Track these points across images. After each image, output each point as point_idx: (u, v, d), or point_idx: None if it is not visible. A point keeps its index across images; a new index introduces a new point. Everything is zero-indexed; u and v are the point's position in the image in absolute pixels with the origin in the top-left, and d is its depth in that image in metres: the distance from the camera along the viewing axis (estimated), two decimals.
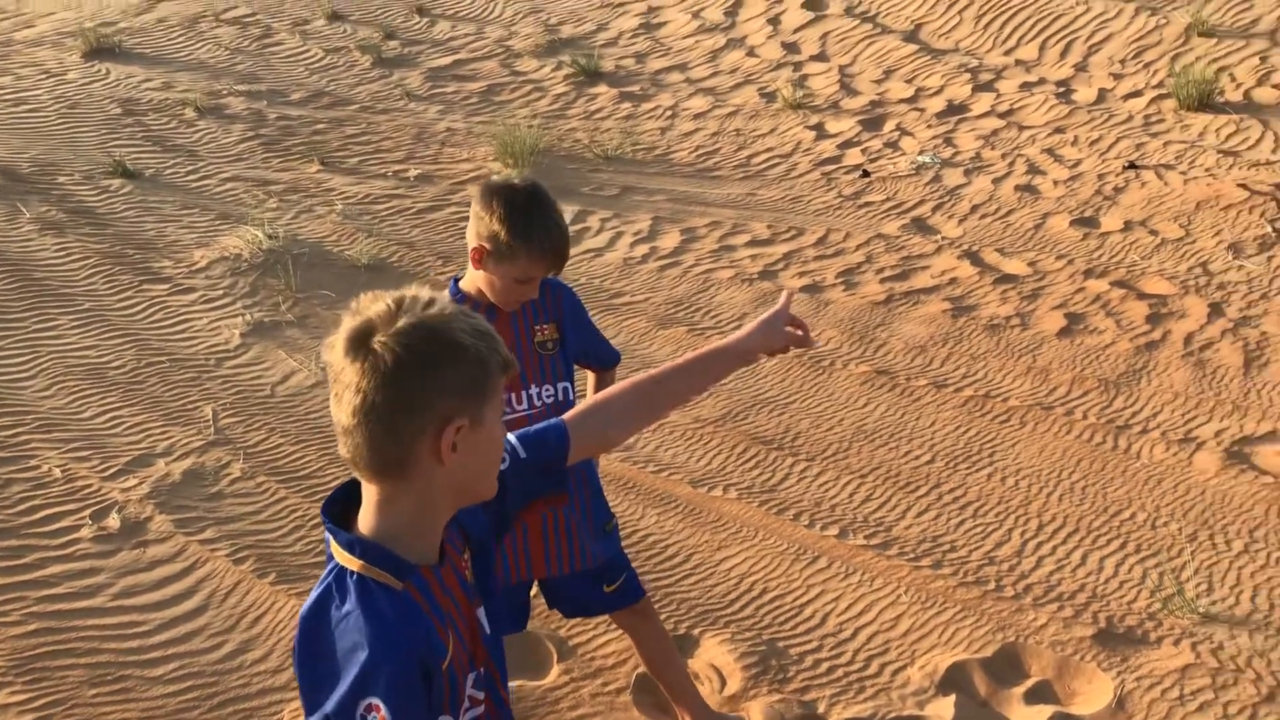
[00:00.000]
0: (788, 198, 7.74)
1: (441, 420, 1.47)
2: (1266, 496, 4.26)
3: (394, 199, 7.60)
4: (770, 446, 4.80)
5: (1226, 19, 10.03)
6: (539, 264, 2.74)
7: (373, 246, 6.75)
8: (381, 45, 10.44)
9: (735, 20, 11.21)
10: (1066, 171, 7.77)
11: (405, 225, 7.23)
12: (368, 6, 11.44)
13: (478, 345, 1.48)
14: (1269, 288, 5.91)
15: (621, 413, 1.93)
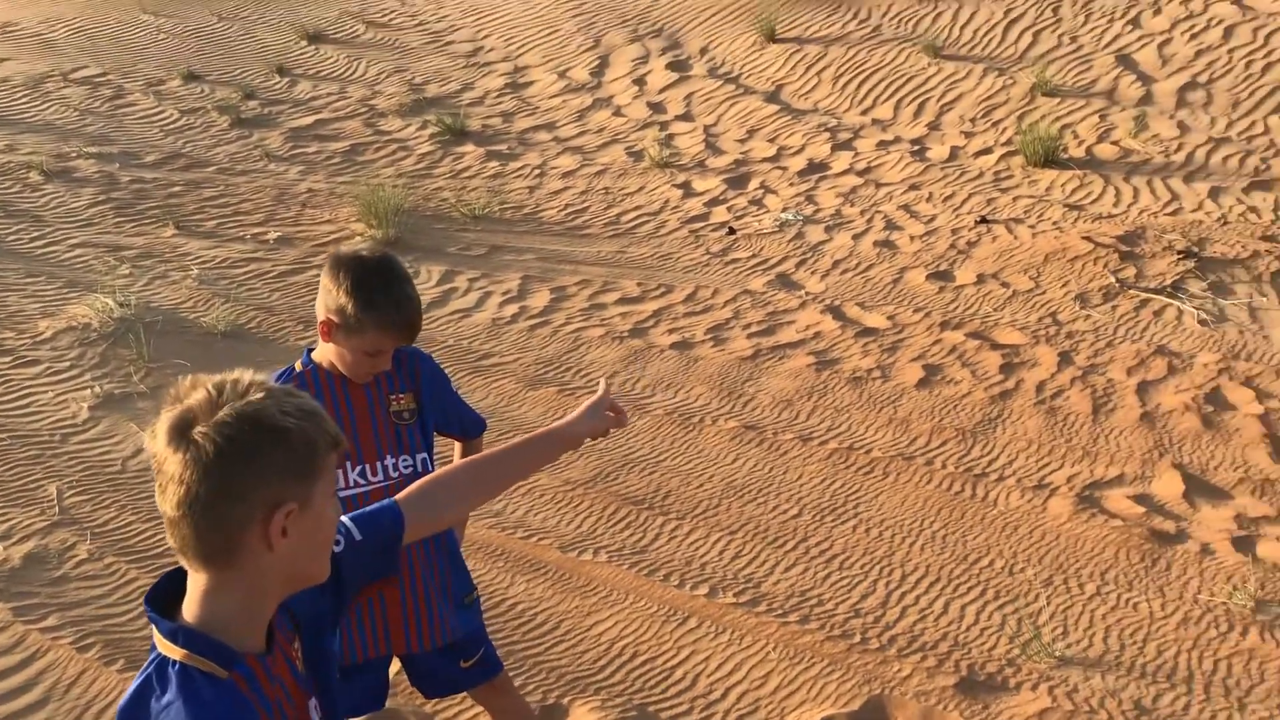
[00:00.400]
0: (657, 255, 7.81)
1: (269, 506, 1.43)
2: (1116, 539, 4.41)
3: (253, 262, 7.41)
4: (641, 506, 4.78)
5: (1068, 79, 10.57)
6: (388, 337, 2.69)
7: (230, 312, 6.56)
8: (240, 105, 10.24)
9: (601, 80, 11.34)
10: (922, 227, 8.03)
11: (265, 289, 7.05)
12: (226, 66, 11.23)
13: (302, 426, 1.44)
14: (1114, 336, 6.17)
15: (454, 494, 1.95)
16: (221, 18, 12.51)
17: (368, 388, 2.84)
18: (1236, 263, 6.92)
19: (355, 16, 12.74)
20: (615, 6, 12.86)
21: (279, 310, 6.79)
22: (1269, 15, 11.14)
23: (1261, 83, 10.05)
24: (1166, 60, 10.59)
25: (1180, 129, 9.42)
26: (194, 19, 12.42)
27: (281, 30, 12.13)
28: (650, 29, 12.31)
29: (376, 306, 2.64)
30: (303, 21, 12.21)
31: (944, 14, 12.07)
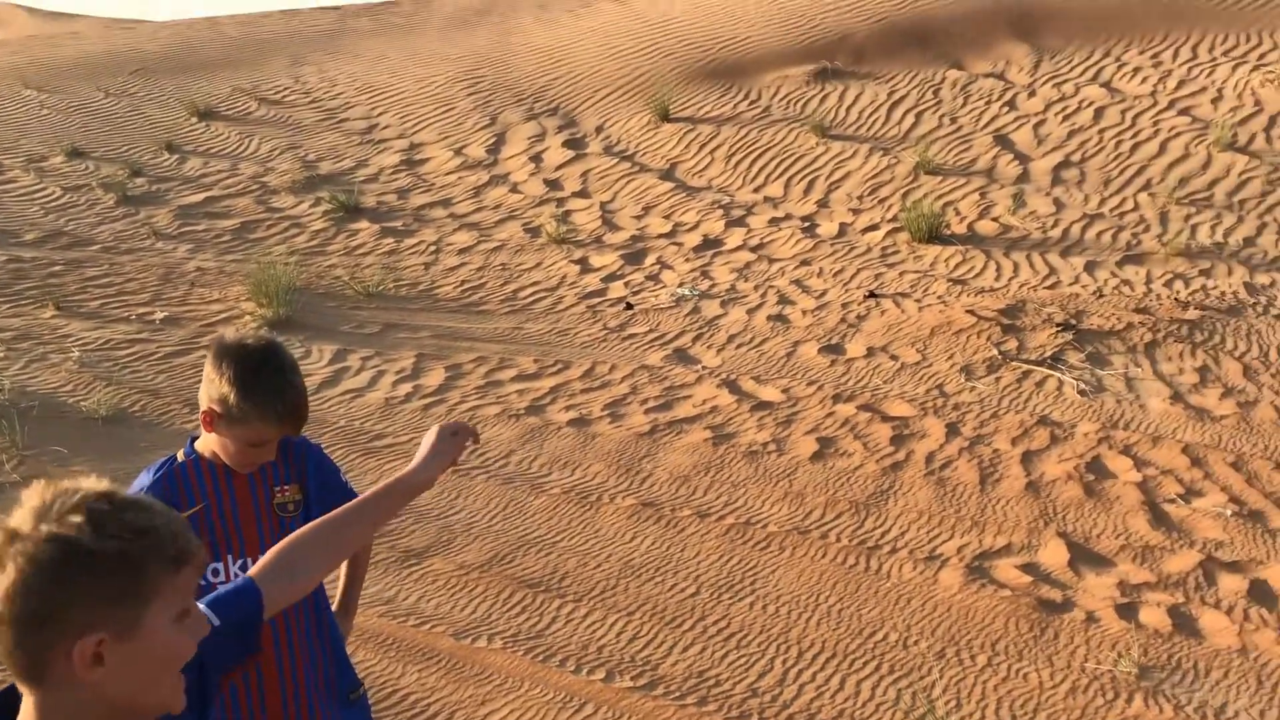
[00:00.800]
0: (554, 331, 7.82)
1: (73, 634, 1.35)
2: (1005, 610, 4.49)
3: (137, 344, 7.21)
4: (537, 589, 4.72)
5: (949, 158, 10.96)
6: (271, 428, 2.62)
7: (113, 396, 6.35)
8: (127, 182, 10.04)
9: (498, 157, 11.41)
10: (814, 301, 8.19)
11: (149, 372, 6.86)
12: (112, 143, 11.02)
13: (127, 549, 1.37)
14: (998, 407, 6.34)
15: (310, 559, 1.90)
16: (109, 93, 12.31)
17: (251, 479, 2.77)
18: (1112, 334, 7.19)
19: (248, 93, 12.65)
20: (511, 84, 13.01)
21: (164, 393, 6.60)
22: (1135, 98, 11.76)
23: (1130, 161, 10.57)
24: (1042, 140, 11.08)
25: (1056, 206, 9.82)
26: (80, 94, 12.20)
27: (171, 107, 11.97)
28: (546, 107, 12.46)
29: (259, 396, 2.57)
30: (193, 98, 12.08)
31: (830, 95, 12.47)
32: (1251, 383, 6.52)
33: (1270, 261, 8.70)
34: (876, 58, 13.34)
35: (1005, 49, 13.24)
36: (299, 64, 14.07)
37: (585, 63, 13.55)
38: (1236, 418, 6.05)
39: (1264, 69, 12.01)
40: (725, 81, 13.02)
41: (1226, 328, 7.30)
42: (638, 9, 15.44)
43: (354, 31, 15.84)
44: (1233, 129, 10.75)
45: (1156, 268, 8.61)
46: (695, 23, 14.57)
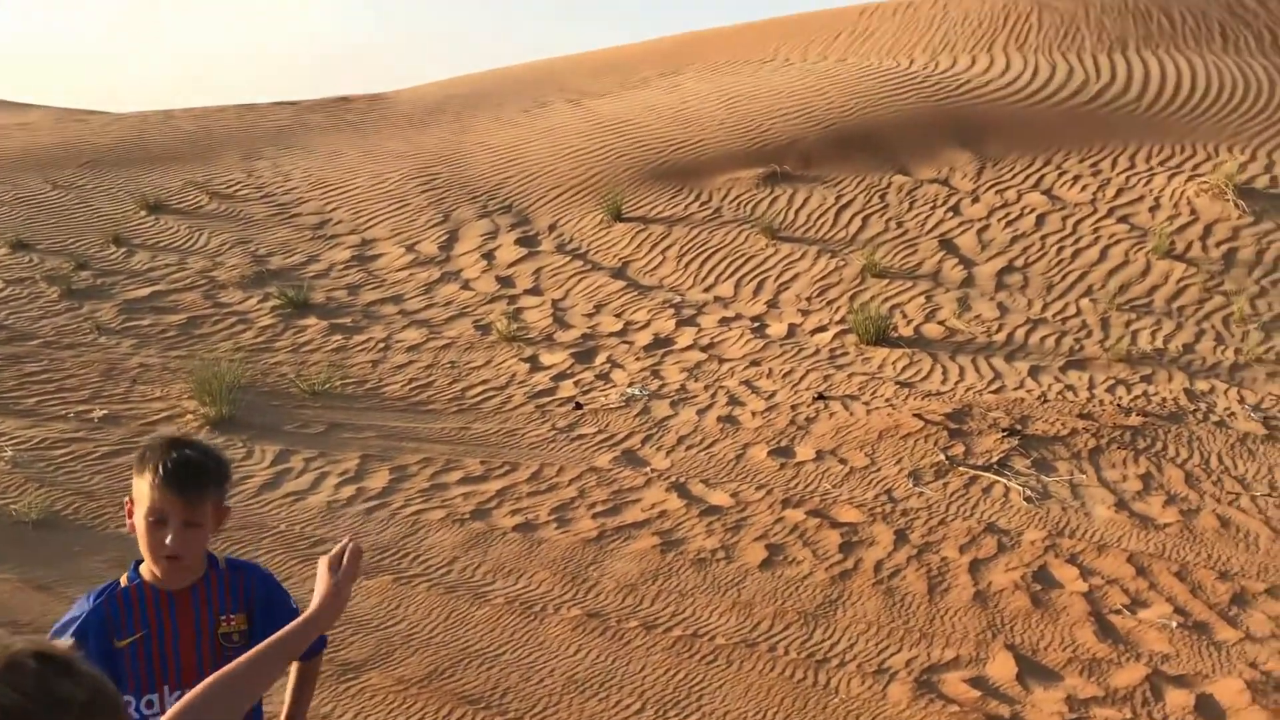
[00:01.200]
0: (502, 431, 7.75)
1: None
2: None
3: (74, 443, 7.04)
4: (478, 707, 4.58)
5: (895, 261, 11.15)
6: (162, 494, 2.53)
7: (45, 498, 6.17)
8: (72, 276, 9.93)
9: (450, 254, 11.44)
10: (763, 403, 8.21)
11: (85, 473, 6.68)
12: (58, 235, 10.92)
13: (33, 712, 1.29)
14: (946, 513, 6.34)
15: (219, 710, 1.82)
16: (57, 185, 12.23)
17: (196, 605, 2.67)
18: (1057, 440, 7.26)
19: (199, 187, 12.63)
20: (465, 182, 13.11)
21: (99, 495, 6.42)
22: (1076, 205, 12.08)
23: (1072, 267, 10.81)
24: (985, 245, 11.31)
25: (1000, 310, 9.99)
26: (28, 186, 12.11)
27: (120, 200, 11.91)
28: (500, 205, 12.55)
29: (150, 461, 2.52)
30: (144, 191, 12.04)
31: (780, 198, 12.68)
32: (1194, 490, 6.58)
33: (1209, 368, 8.88)
34: (825, 162, 13.62)
35: (949, 156, 13.58)
36: (253, 158, 14.10)
37: (539, 162, 13.70)
38: (1179, 526, 6.09)
39: (1198, 179, 12.41)
40: (677, 183, 13.22)
41: (1168, 434, 7.39)
42: (592, 110, 15.70)
43: (309, 127, 15.94)
44: (1170, 237, 11.05)
45: (1099, 373, 8.75)
46: (648, 125, 14.83)
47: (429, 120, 16.47)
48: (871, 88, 15.67)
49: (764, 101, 15.50)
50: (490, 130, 15.32)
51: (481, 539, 6.09)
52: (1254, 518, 6.20)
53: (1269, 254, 10.84)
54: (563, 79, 19.43)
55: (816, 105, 15.17)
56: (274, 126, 16.11)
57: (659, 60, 20.49)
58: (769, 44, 20.38)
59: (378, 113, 17.32)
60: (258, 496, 6.52)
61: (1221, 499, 6.47)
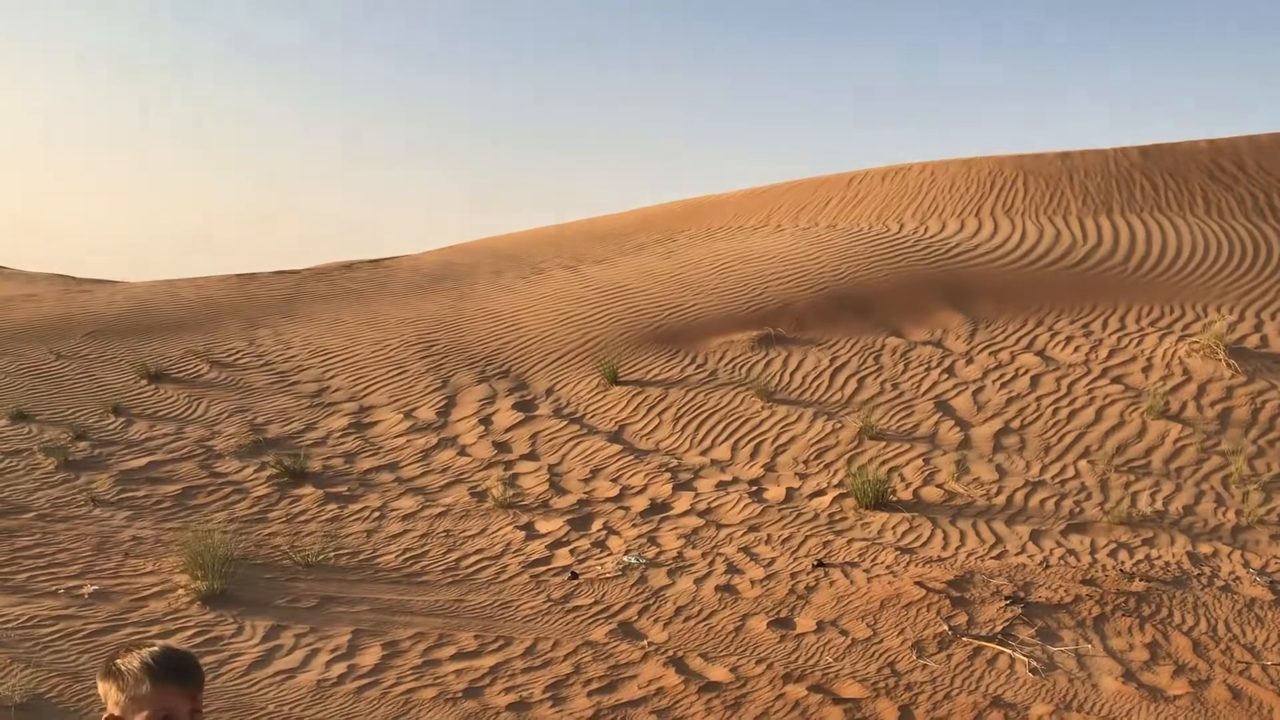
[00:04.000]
0: (497, 603, 7.62)
1: None
2: None
3: (63, 620, 6.92)
4: None
5: (892, 423, 11.18)
6: (163, 689, 2.46)
7: (29, 680, 6.03)
8: (70, 446, 9.93)
9: (447, 420, 11.48)
10: (762, 570, 8.10)
11: (72, 652, 6.55)
12: (59, 405, 10.98)
13: None
14: (951, 686, 6.19)
15: None
16: (60, 355, 12.36)
17: None
18: (1061, 608, 7.14)
19: (200, 355, 12.76)
20: (464, 348, 13.26)
21: (86, 676, 6.27)
22: (1069, 366, 12.18)
23: (1068, 428, 10.83)
24: (981, 407, 11.36)
25: (999, 472, 9.96)
26: (31, 356, 12.24)
27: (122, 368, 12.03)
28: (498, 370, 12.66)
29: (135, 668, 2.46)
30: (144, 360, 12.16)
31: (775, 360, 12.81)
32: (1202, 660, 6.44)
33: (1211, 530, 8.80)
34: (818, 325, 13.81)
35: (942, 317, 13.78)
36: (254, 327, 14.30)
37: (537, 327, 13.89)
38: (1190, 698, 5.94)
39: (1189, 339, 12.56)
40: (673, 346, 13.37)
41: (1173, 600, 7.28)
42: (589, 276, 16.01)
43: (310, 295, 16.22)
44: (1165, 397, 11.12)
45: (1100, 537, 8.67)
46: (644, 289, 15.10)
47: (430, 287, 16.77)
48: (863, 251, 16.01)
49: (757, 265, 15.82)
50: (489, 296, 15.59)
51: (474, 719, 5.93)
52: (1266, 688, 6.05)
53: (1264, 413, 10.88)
54: (560, 246, 19.88)
55: (809, 269, 15.47)
56: (275, 295, 16.39)
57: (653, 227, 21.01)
58: (761, 210, 20.93)
59: (380, 280, 17.64)
60: (246, 675, 6.37)
61: (1231, 668, 6.33)
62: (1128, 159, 18.87)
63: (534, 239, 22.03)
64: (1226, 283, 14.38)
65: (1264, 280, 14.41)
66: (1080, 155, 19.25)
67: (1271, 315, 13.42)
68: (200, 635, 6.81)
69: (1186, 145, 19.10)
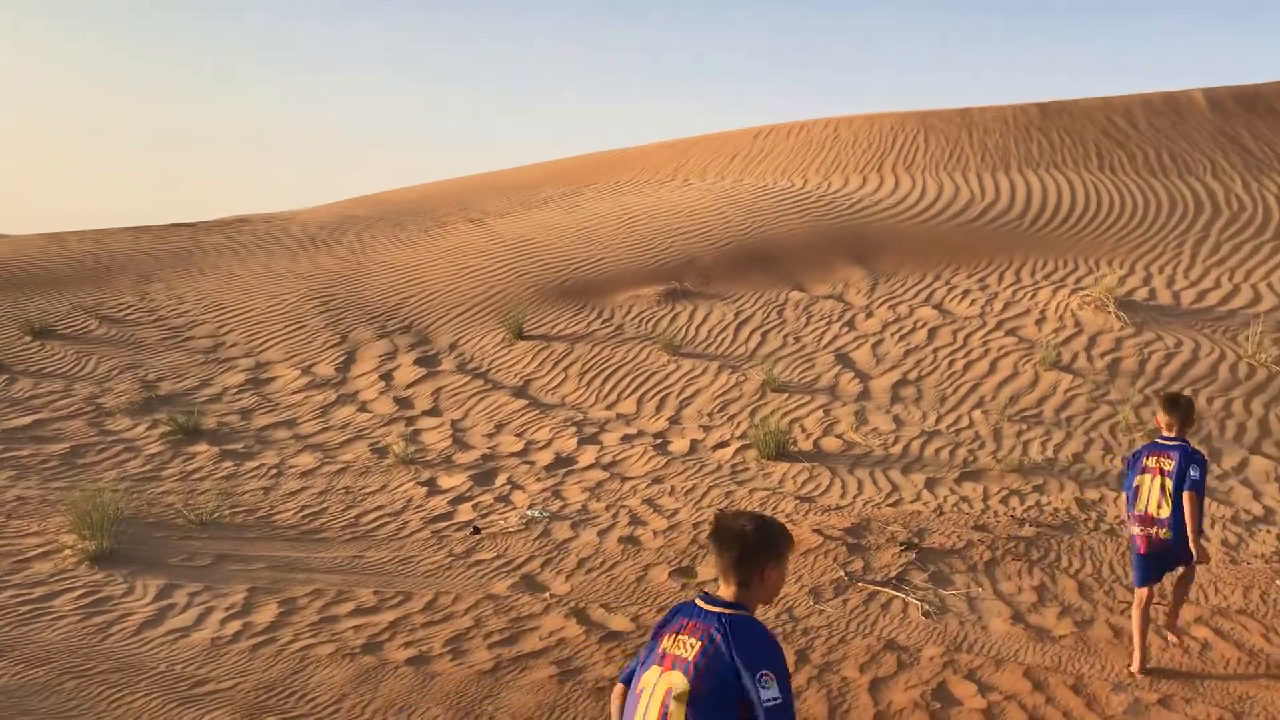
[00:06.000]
0: (397, 559, 7.55)
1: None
2: None
3: None
4: None
5: (794, 376, 11.31)
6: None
7: None
8: None
9: (347, 376, 11.28)
10: (665, 521, 8.15)
11: None
12: None
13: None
14: (846, 631, 6.31)
15: None
16: None
17: None
18: (953, 553, 7.32)
19: (89, 311, 12.33)
20: (364, 303, 13.03)
21: None
22: (965, 319, 12.43)
23: (964, 379, 11.07)
24: (880, 359, 11.54)
25: (896, 423, 10.15)
26: None
27: (3, 325, 11.56)
28: (399, 325, 12.47)
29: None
30: (29, 316, 11.70)
31: (681, 315, 12.84)
32: (1087, 601, 6.67)
33: (1099, 476, 9.09)
34: (724, 279, 13.88)
35: (844, 272, 13.94)
36: (146, 281, 13.86)
37: (440, 281, 13.71)
38: (1075, 638, 6.15)
39: (1081, 292, 12.91)
40: (579, 300, 13.32)
41: (1061, 544, 7.51)
42: (494, 230, 15.83)
43: (205, 249, 15.76)
44: (1056, 349, 11.42)
45: (993, 484, 8.90)
46: (550, 244, 14.98)
47: (329, 240, 16.41)
48: (767, 206, 16.10)
49: (664, 220, 15.81)
50: (390, 250, 15.32)
51: (372, 674, 5.87)
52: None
53: (1151, 363, 11.25)
54: (464, 199, 19.61)
55: (715, 224, 15.51)
56: (169, 248, 15.89)
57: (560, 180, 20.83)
58: (668, 165, 20.89)
59: (277, 232, 17.21)
60: (137, 635, 6.21)
61: (1114, 609, 6.56)
62: (1026, 116, 19.24)
63: (437, 192, 21.69)
64: (1118, 237, 14.79)
65: (1153, 235, 14.86)
66: (980, 112, 19.57)
67: (1160, 269, 13.85)
68: (89, 596, 6.62)
69: (1083, 103, 19.54)
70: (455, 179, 25.07)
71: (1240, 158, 17.66)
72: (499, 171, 24.71)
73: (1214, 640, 6.08)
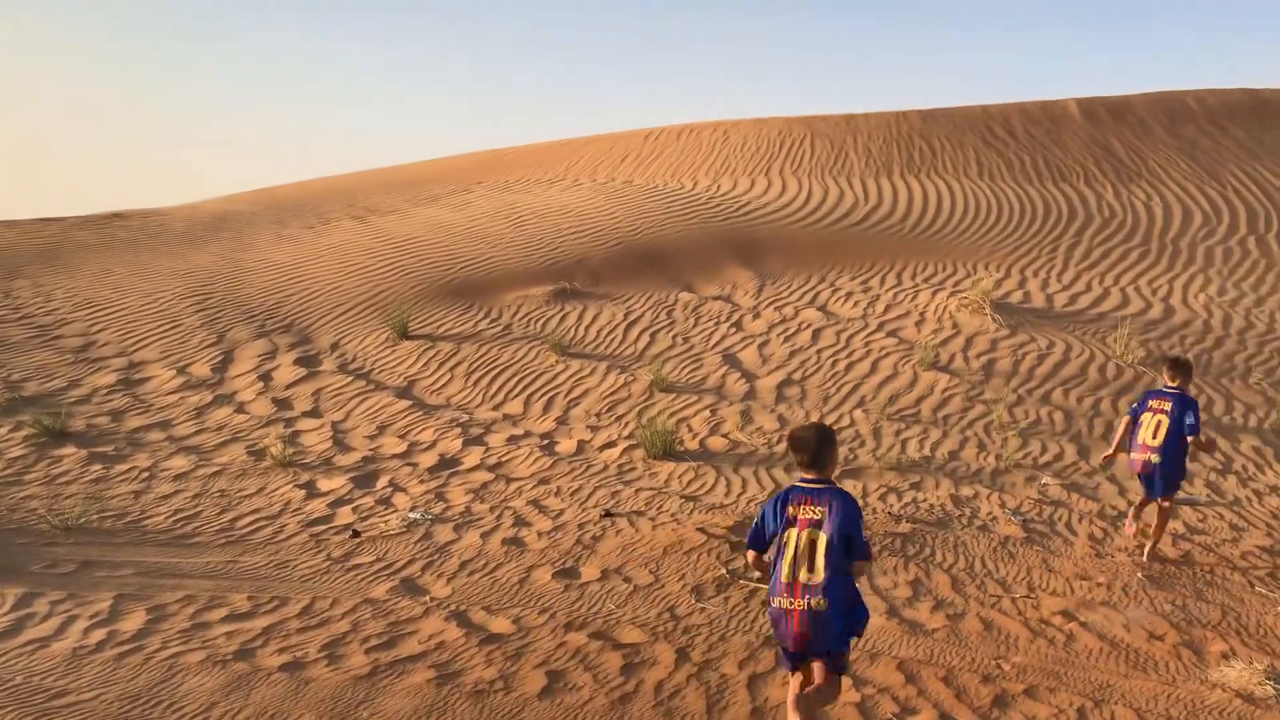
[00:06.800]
0: (273, 563, 7.36)
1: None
2: None
3: None
4: None
5: (682, 376, 11.37)
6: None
7: None
8: None
9: (224, 376, 10.98)
10: (550, 522, 8.11)
11: None
12: None
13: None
14: (726, 628, 6.36)
15: None
16: None
17: None
18: None
19: None
20: (242, 301, 12.69)
21: None
22: (848, 320, 12.66)
23: (846, 379, 11.27)
24: (766, 359, 11.68)
25: (780, 422, 10.28)
26: None
27: None
28: (279, 324, 12.18)
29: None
30: None
31: (570, 314, 12.81)
32: (959, 595, 6.84)
33: (972, 474, 9.34)
34: (614, 279, 13.89)
35: (732, 273, 14.08)
36: (10, 277, 13.28)
37: (322, 279, 13.43)
38: (947, 630, 6.30)
39: (959, 295, 13.25)
40: (466, 300, 13.19)
41: (936, 540, 7.69)
42: (379, 227, 15.57)
43: (77, 245, 15.17)
44: (935, 349, 11.70)
45: (872, 481, 9.07)
46: (437, 242, 14.81)
47: (207, 237, 15.95)
48: (657, 207, 16.17)
49: (554, 220, 15.76)
50: (272, 247, 14.96)
51: (244, 681, 5.71)
52: (1014, 619, 6.47)
53: (1024, 364, 11.61)
54: (349, 196, 19.26)
55: (605, 224, 15.52)
56: (38, 244, 15.25)
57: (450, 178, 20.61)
58: (559, 164, 20.84)
59: (153, 229, 16.66)
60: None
61: (985, 602, 6.74)
62: (908, 123, 19.69)
63: (323, 189, 21.26)
64: (995, 242, 15.23)
65: (1028, 240, 15.34)
66: (864, 118, 19.97)
67: (1034, 273, 14.31)
68: None
69: (963, 110, 20.09)
70: (343, 175, 24.62)
71: (1111, 166, 18.35)
72: (388, 168, 24.34)
73: (1078, 631, 6.29)
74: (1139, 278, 14.30)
